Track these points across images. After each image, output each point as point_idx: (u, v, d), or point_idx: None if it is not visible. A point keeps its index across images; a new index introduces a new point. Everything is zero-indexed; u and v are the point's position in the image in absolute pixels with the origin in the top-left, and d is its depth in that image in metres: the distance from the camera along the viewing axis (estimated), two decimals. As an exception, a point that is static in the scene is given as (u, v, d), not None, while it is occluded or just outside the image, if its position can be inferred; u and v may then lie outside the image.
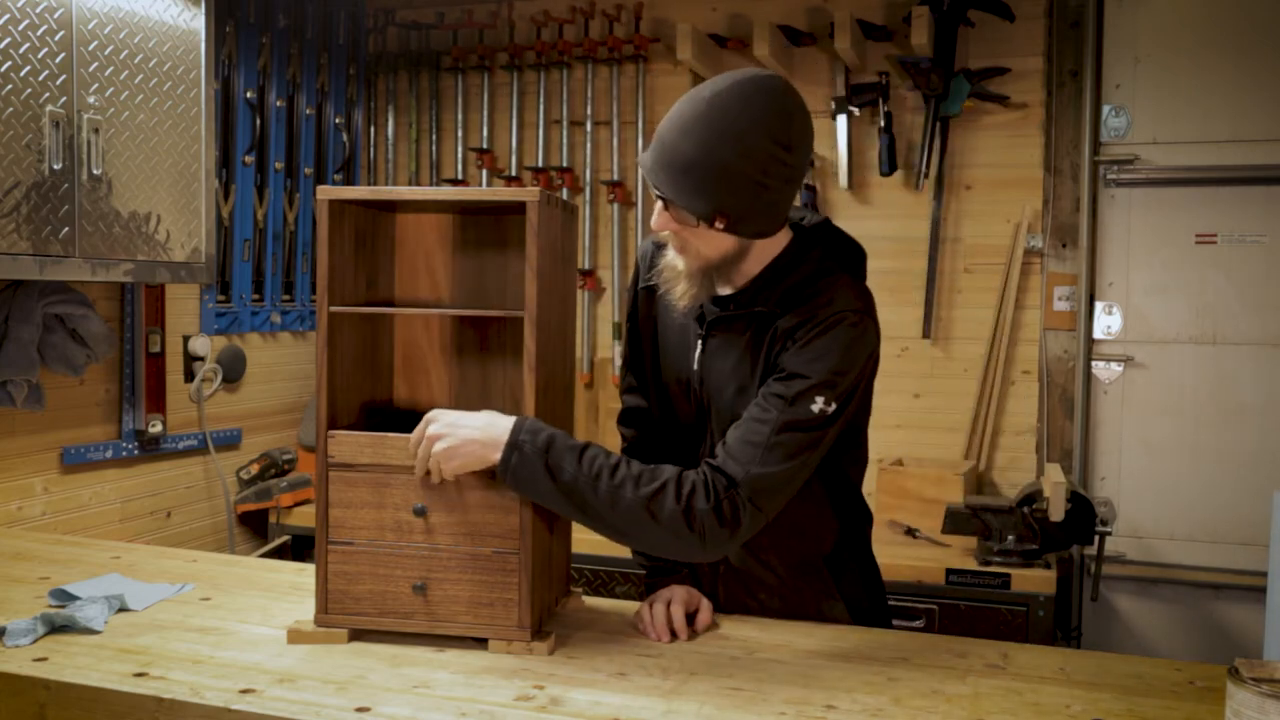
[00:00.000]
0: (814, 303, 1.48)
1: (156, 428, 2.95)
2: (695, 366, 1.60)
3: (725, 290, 1.57)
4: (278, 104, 3.41)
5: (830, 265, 1.54)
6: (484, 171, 3.75)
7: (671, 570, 1.71)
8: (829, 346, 1.44)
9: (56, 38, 2.22)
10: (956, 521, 2.82)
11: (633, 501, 1.40)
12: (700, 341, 1.59)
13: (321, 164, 3.67)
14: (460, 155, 3.81)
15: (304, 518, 3.28)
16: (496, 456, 1.42)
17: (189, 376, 3.12)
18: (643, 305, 1.71)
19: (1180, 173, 3.16)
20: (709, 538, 1.40)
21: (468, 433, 1.43)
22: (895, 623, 1.89)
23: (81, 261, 2.30)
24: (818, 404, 1.43)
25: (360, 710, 1.29)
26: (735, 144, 1.38)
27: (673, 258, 1.53)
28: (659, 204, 1.46)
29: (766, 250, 1.52)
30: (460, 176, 3.80)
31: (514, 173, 3.72)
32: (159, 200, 2.51)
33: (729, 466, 1.42)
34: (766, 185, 1.40)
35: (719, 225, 1.41)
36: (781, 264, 1.53)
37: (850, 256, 1.60)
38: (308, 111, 3.56)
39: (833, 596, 1.67)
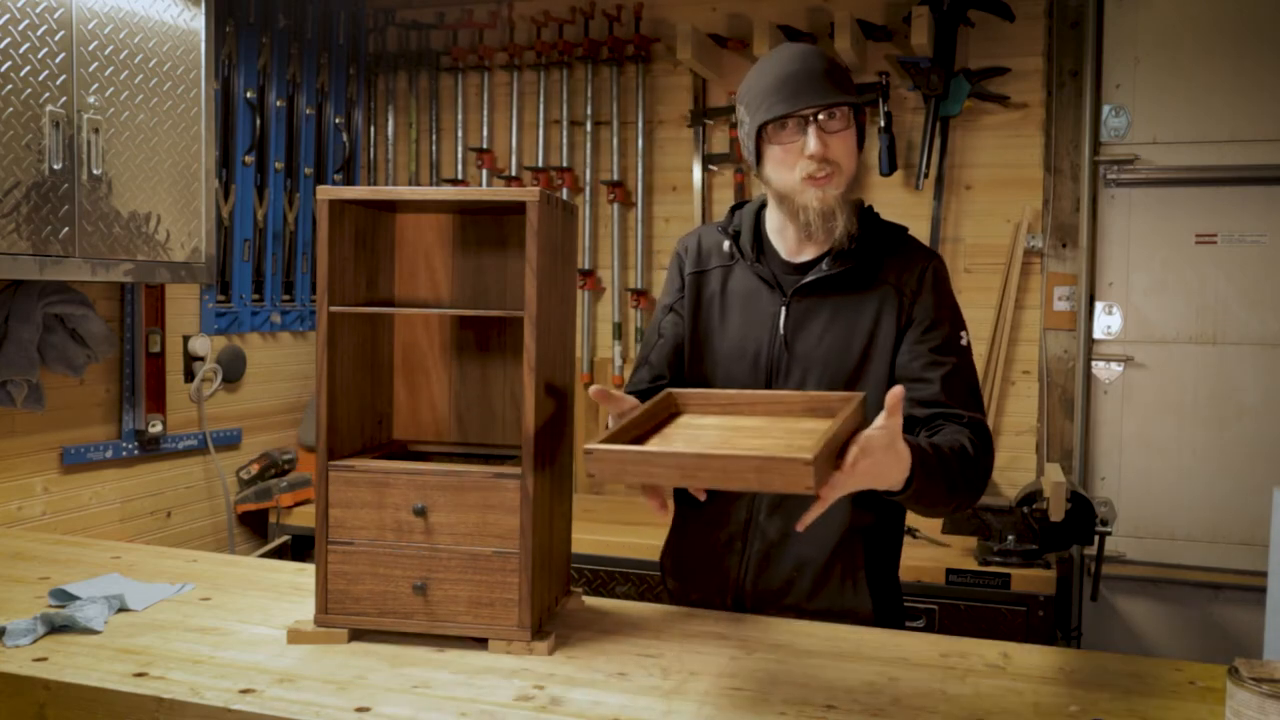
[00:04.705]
0: (904, 254, 1.68)
1: (156, 428, 2.95)
2: (780, 332, 1.67)
3: (806, 256, 1.69)
4: (278, 104, 3.41)
5: (893, 224, 1.74)
6: (484, 171, 3.75)
7: None
8: (939, 287, 1.67)
9: (56, 38, 2.22)
10: (956, 521, 2.82)
11: (976, 465, 1.52)
12: (784, 308, 1.67)
13: (321, 164, 3.67)
14: (460, 155, 3.81)
15: (304, 518, 3.28)
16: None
17: (189, 376, 3.12)
18: (691, 292, 1.76)
19: (1180, 173, 3.16)
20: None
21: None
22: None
23: (81, 261, 2.30)
24: (964, 338, 1.66)
25: (360, 710, 1.29)
26: (836, 60, 1.65)
27: (819, 197, 1.61)
28: (813, 131, 1.59)
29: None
30: (460, 176, 3.80)
31: (514, 173, 3.72)
32: (159, 200, 2.51)
33: (975, 413, 1.59)
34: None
35: (862, 119, 1.65)
36: (858, 225, 1.68)
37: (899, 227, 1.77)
38: (308, 111, 3.56)
39: (859, 582, 1.68)
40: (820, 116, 1.59)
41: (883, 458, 1.28)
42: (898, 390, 1.27)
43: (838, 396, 1.44)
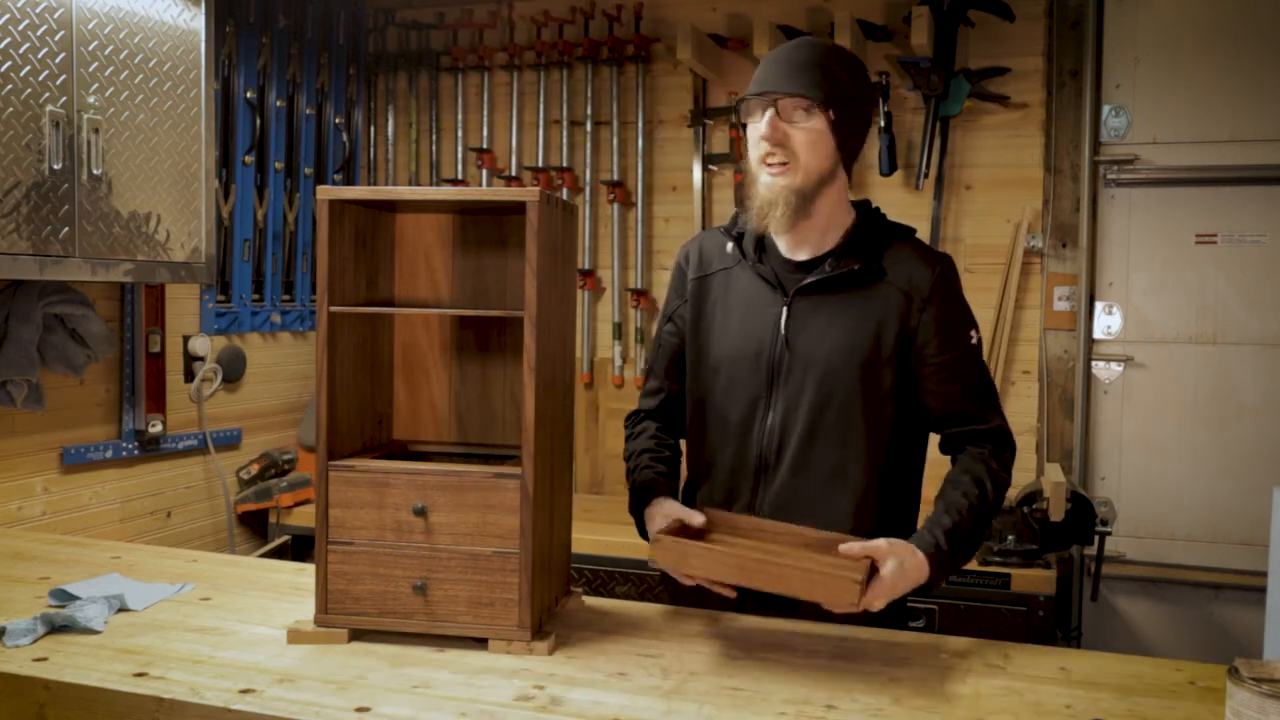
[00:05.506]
0: (911, 256, 1.68)
1: (156, 428, 2.95)
2: (782, 332, 1.67)
3: (806, 254, 1.69)
4: (278, 104, 3.41)
5: (899, 226, 1.74)
6: (484, 171, 3.75)
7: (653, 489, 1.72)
8: (951, 289, 1.68)
9: (56, 38, 2.22)
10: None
11: (995, 500, 1.63)
12: (786, 308, 1.67)
13: (321, 164, 3.67)
14: (460, 155, 3.81)
15: (304, 518, 3.28)
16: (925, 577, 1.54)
17: (189, 376, 3.12)
18: (694, 296, 1.77)
19: (1180, 173, 3.16)
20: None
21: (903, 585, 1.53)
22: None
23: (81, 261, 2.30)
24: (974, 337, 1.69)
25: (360, 710, 1.29)
26: (839, 59, 1.65)
27: (767, 185, 1.62)
28: (768, 115, 1.60)
29: (838, 216, 1.69)
30: (460, 176, 3.80)
31: (514, 173, 3.72)
32: (159, 200, 2.51)
33: (993, 420, 1.67)
34: (858, 100, 1.66)
35: (831, 115, 1.60)
36: (862, 226, 1.71)
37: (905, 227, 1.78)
38: (308, 111, 3.56)
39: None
40: (781, 103, 1.60)
41: (899, 580, 1.48)
42: (851, 550, 1.48)
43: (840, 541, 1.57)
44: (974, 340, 1.69)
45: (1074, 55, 3.21)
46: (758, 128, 1.62)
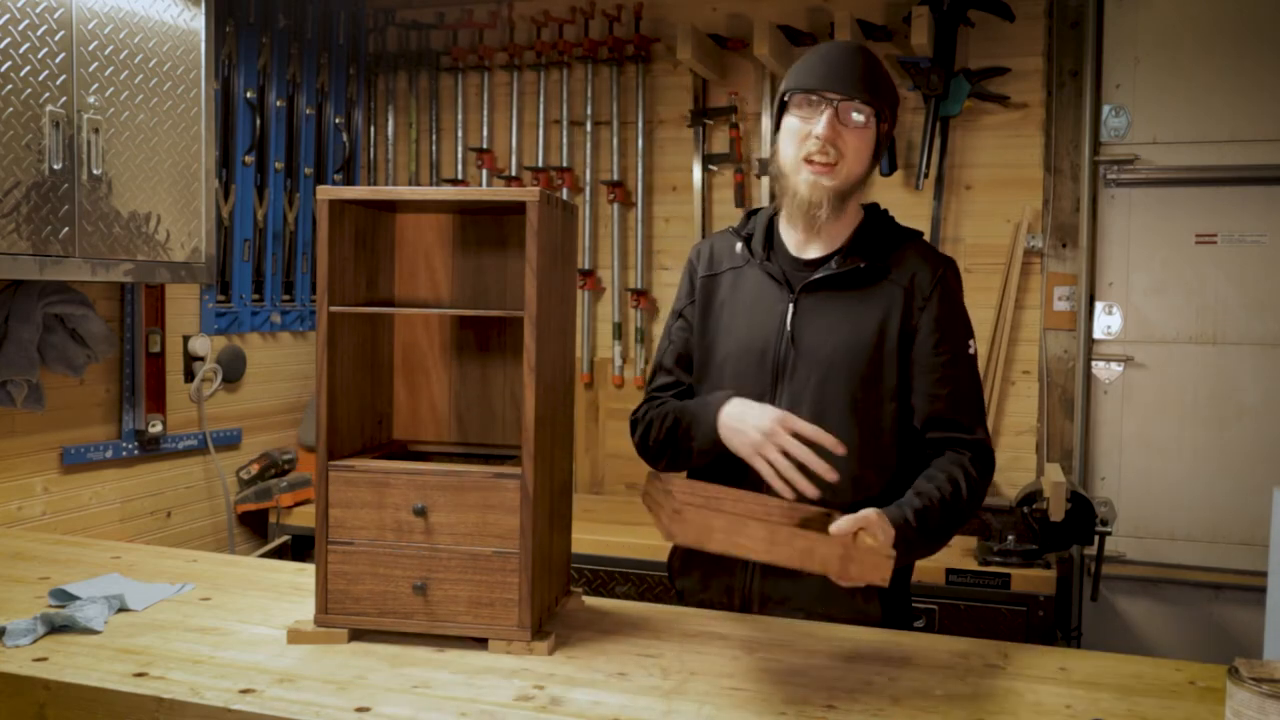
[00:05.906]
0: (917, 257, 1.69)
1: (156, 428, 2.95)
2: (788, 328, 1.68)
3: (814, 253, 1.71)
4: (278, 104, 3.41)
5: (907, 229, 1.75)
6: (484, 171, 3.75)
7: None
8: (951, 296, 1.69)
9: (56, 38, 2.22)
10: (956, 521, 2.82)
11: (969, 504, 1.62)
12: (792, 305, 1.68)
13: (321, 164, 3.67)
14: (460, 155, 3.81)
15: (304, 518, 3.28)
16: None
17: (189, 376, 3.12)
18: (702, 296, 1.78)
19: (1180, 173, 3.16)
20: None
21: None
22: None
23: (81, 261, 2.30)
24: (971, 347, 1.70)
25: (360, 710, 1.29)
26: (883, 69, 1.68)
27: (810, 184, 1.63)
28: (827, 115, 1.61)
29: (851, 217, 1.72)
30: (460, 176, 3.80)
31: (514, 173, 3.72)
32: (159, 200, 2.51)
33: (977, 433, 1.67)
34: (896, 113, 1.72)
35: (884, 127, 1.67)
36: (869, 226, 1.73)
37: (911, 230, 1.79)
38: (308, 111, 3.56)
39: (871, 593, 1.68)
40: (841, 105, 1.61)
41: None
42: (842, 527, 1.40)
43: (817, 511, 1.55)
44: (971, 350, 1.69)
45: (1074, 55, 3.21)
46: (810, 126, 1.63)
